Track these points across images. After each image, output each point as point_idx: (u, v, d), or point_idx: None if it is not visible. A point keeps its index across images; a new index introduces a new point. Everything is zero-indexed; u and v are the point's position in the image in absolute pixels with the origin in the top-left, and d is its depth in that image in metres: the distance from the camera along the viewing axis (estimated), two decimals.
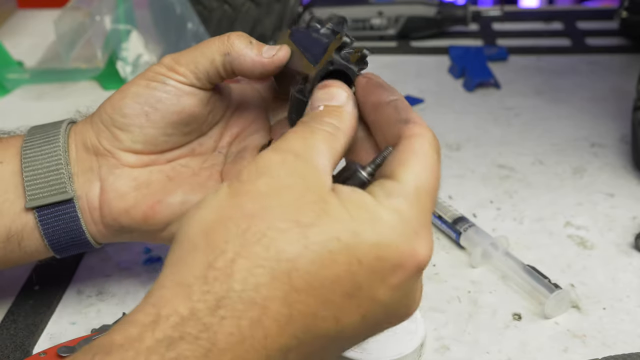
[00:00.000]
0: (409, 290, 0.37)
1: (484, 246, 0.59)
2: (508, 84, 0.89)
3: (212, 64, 0.49)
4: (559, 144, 0.77)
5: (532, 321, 0.55)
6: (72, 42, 0.88)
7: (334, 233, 0.34)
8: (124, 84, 0.88)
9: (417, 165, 0.38)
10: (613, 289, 0.57)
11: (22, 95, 0.91)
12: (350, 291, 0.34)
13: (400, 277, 0.35)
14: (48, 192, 0.49)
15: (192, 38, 0.93)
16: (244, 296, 0.32)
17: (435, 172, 0.39)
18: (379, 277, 0.35)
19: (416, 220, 0.36)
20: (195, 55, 0.49)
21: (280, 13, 1.00)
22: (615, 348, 0.52)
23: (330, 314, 0.34)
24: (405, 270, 0.35)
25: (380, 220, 0.35)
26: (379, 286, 0.35)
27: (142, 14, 0.95)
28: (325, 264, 0.34)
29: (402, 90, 0.89)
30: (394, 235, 0.35)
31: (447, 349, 0.52)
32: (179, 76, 0.49)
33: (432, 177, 0.38)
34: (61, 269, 0.59)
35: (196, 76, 0.49)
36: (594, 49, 0.98)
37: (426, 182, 0.37)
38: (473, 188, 0.70)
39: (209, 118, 0.52)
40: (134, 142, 0.50)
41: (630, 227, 0.64)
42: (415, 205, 0.36)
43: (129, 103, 0.49)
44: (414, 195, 0.37)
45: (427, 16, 1.00)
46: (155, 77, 0.49)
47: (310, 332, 0.34)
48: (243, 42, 0.48)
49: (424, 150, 0.39)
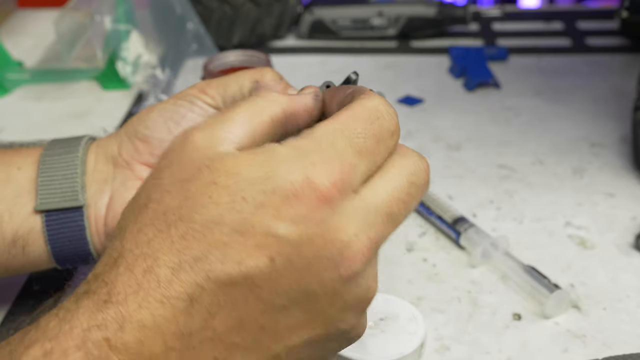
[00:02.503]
0: (323, 227, 0.33)
1: (484, 246, 0.59)
2: (508, 84, 0.89)
3: (240, 89, 0.50)
4: (559, 144, 0.77)
5: (532, 321, 0.55)
6: (72, 42, 0.88)
7: (210, 178, 0.34)
8: (123, 84, 0.90)
9: (340, 115, 0.36)
10: (613, 289, 0.57)
11: (22, 95, 0.91)
12: (240, 229, 0.33)
13: (298, 209, 0.33)
14: (60, 197, 0.50)
15: (192, 38, 0.94)
16: (136, 252, 0.34)
17: (363, 119, 0.35)
18: (271, 211, 0.33)
19: (316, 153, 0.34)
20: (228, 80, 0.51)
21: (280, 13, 1.00)
22: (615, 348, 0.52)
23: (225, 255, 0.33)
24: (300, 201, 0.33)
25: (272, 156, 0.34)
26: (273, 220, 0.33)
27: (142, 14, 0.95)
28: (208, 208, 0.33)
29: (402, 90, 0.89)
30: (283, 167, 0.33)
31: (447, 349, 0.52)
32: (207, 97, 0.51)
33: (355, 122, 0.35)
34: (60, 270, 0.59)
35: (223, 99, 0.51)
36: (594, 49, 0.98)
37: (344, 125, 0.35)
38: (473, 188, 0.70)
39: None
40: (152, 155, 0.50)
41: (630, 227, 0.64)
42: (319, 141, 0.34)
43: (154, 116, 0.51)
44: (322, 133, 0.34)
45: (427, 16, 1.00)
46: (185, 96, 0.51)
47: (211, 279, 0.33)
48: (274, 76, 0.50)
49: (358, 104, 0.36)
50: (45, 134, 0.81)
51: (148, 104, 0.84)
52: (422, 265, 0.61)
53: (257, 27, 0.99)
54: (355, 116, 0.35)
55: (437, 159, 0.75)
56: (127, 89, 0.90)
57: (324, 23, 1.01)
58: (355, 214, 0.34)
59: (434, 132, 0.80)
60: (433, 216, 0.64)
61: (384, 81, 0.91)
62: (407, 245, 0.63)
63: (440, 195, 0.66)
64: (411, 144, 0.78)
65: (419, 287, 0.58)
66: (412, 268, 0.60)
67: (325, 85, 0.46)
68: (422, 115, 0.84)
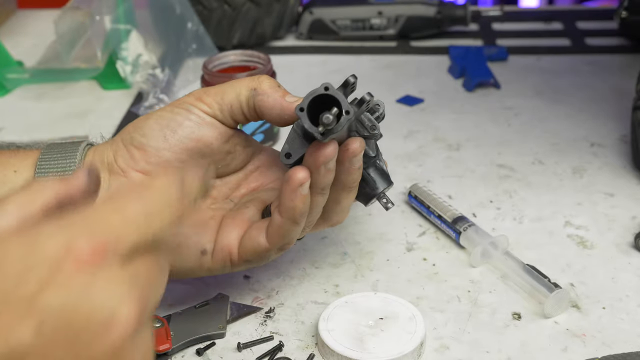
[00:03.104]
0: (86, 295, 0.31)
1: (484, 246, 0.59)
2: (508, 83, 0.89)
3: (238, 97, 0.50)
4: (559, 143, 0.77)
5: (531, 321, 0.55)
6: (72, 42, 0.88)
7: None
8: (123, 83, 0.90)
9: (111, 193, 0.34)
10: (613, 289, 0.57)
11: (22, 95, 0.91)
12: (4, 302, 0.31)
13: (60, 275, 0.31)
14: None
15: (192, 38, 0.94)
16: None
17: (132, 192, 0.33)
18: (34, 281, 0.31)
19: (81, 223, 0.32)
20: (225, 88, 0.51)
21: (280, 13, 1.00)
22: (615, 347, 0.52)
23: None
24: (61, 267, 0.31)
25: (36, 232, 0.32)
26: (36, 289, 0.31)
27: (142, 14, 0.95)
28: None
29: (402, 90, 0.89)
30: (44, 237, 0.31)
31: (447, 349, 0.52)
32: (204, 105, 0.51)
33: (125, 197, 0.33)
34: None
35: (220, 107, 0.51)
36: (594, 49, 0.98)
37: (114, 199, 0.33)
38: (473, 188, 0.70)
39: (227, 159, 0.53)
40: (148, 162, 0.50)
41: (630, 226, 0.64)
42: (86, 214, 0.32)
43: (150, 124, 0.51)
44: (93, 207, 0.33)
45: (427, 16, 1.00)
46: (182, 104, 0.51)
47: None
48: (271, 84, 0.51)
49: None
50: (45, 133, 0.81)
51: (148, 103, 0.84)
52: (422, 264, 0.61)
53: (257, 27, 0.99)
54: (124, 191, 0.33)
55: (437, 159, 0.75)
56: (127, 88, 0.90)
57: (324, 23, 1.01)
58: (119, 279, 0.32)
59: (433, 132, 0.80)
60: (433, 216, 0.64)
61: (384, 81, 0.91)
62: (407, 245, 0.63)
63: (440, 195, 0.66)
64: (411, 144, 0.78)
65: (418, 287, 0.58)
66: (412, 267, 0.60)
67: (324, 87, 0.46)
68: (421, 115, 0.84)
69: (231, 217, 0.52)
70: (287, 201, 0.48)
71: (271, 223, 0.50)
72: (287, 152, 0.49)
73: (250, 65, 0.77)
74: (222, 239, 0.50)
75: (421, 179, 0.71)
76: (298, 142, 0.49)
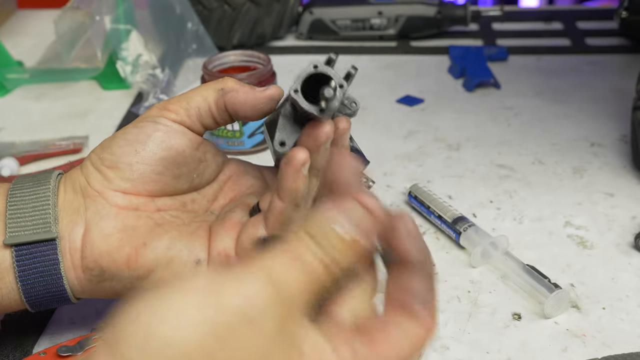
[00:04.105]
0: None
1: (484, 246, 0.59)
2: (508, 84, 0.89)
3: (205, 100, 0.50)
4: (559, 143, 0.77)
5: (531, 321, 0.55)
6: (72, 42, 0.88)
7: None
8: (123, 83, 0.90)
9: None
10: (613, 289, 0.57)
11: (22, 95, 0.91)
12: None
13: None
14: (31, 230, 0.47)
15: (192, 38, 0.94)
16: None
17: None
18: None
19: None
20: (189, 95, 0.50)
21: (280, 13, 1.00)
22: (615, 348, 0.52)
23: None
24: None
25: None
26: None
27: (142, 14, 0.95)
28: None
29: (402, 90, 0.89)
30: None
31: (447, 349, 0.52)
32: (170, 114, 0.50)
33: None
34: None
35: (187, 112, 0.50)
36: (594, 49, 0.98)
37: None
38: (473, 188, 0.70)
39: (200, 167, 0.51)
40: (124, 179, 0.49)
41: (630, 227, 0.64)
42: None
43: (118, 141, 0.49)
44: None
45: (427, 16, 1.00)
46: (146, 118, 0.50)
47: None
48: (237, 82, 0.50)
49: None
50: (45, 133, 0.81)
51: (148, 103, 0.84)
52: None
53: (256, 27, 0.99)
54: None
55: (437, 159, 0.75)
56: (127, 88, 0.90)
57: (324, 23, 1.01)
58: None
59: (433, 132, 0.80)
60: (433, 216, 0.64)
61: (384, 81, 0.91)
62: None
63: (440, 195, 0.67)
64: (411, 144, 0.78)
65: None
66: None
67: (313, 66, 0.45)
68: (422, 115, 0.84)
69: (219, 224, 0.51)
70: (290, 183, 0.47)
71: (271, 211, 0.48)
72: (281, 141, 0.47)
73: (250, 65, 0.77)
74: (217, 245, 0.50)
75: (421, 179, 0.71)
76: (289, 128, 0.47)
